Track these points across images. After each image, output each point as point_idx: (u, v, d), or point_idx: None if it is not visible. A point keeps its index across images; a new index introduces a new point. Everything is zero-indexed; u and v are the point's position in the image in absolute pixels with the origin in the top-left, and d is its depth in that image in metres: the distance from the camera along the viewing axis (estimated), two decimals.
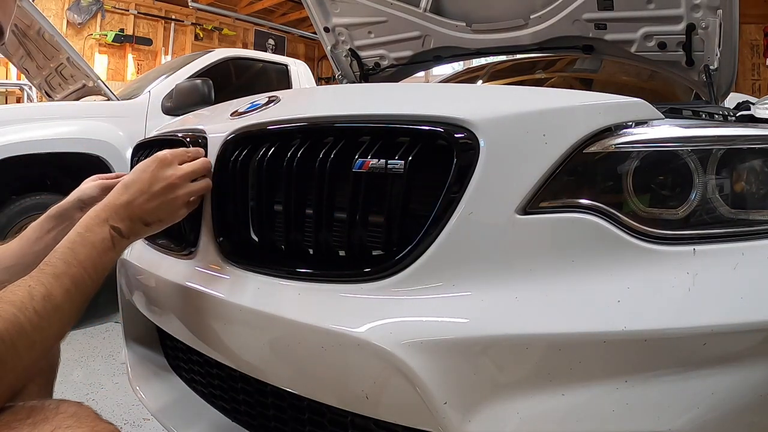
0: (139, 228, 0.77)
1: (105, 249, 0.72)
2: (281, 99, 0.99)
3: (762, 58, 6.47)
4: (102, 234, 0.73)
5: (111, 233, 0.73)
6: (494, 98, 0.91)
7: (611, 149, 0.72)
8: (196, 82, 2.95)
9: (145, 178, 0.79)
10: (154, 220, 0.78)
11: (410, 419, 0.69)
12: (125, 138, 2.80)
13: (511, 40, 1.79)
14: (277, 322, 0.77)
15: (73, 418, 0.58)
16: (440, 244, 0.70)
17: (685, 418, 0.63)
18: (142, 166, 0.81)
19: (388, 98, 0.99)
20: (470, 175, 0.71)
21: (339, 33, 2.03)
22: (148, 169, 0.80)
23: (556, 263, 0.69)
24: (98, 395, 1.88)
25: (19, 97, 6.71)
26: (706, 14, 1.36)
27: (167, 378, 1.21)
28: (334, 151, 0.79)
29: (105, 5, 7.70)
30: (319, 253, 0.82)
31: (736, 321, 0.64)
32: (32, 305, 0.62)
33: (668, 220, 0.71)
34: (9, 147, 2.42)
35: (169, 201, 0.80)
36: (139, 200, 0.77)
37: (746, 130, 0.81)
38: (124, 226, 0.75)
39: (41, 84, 3.46)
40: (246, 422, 0.99)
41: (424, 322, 0.68)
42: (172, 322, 1.01)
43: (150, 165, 0.81)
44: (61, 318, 0.65)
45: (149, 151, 1.17)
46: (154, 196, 0.78)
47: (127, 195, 0.77)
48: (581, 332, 0.64)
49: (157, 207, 0.78)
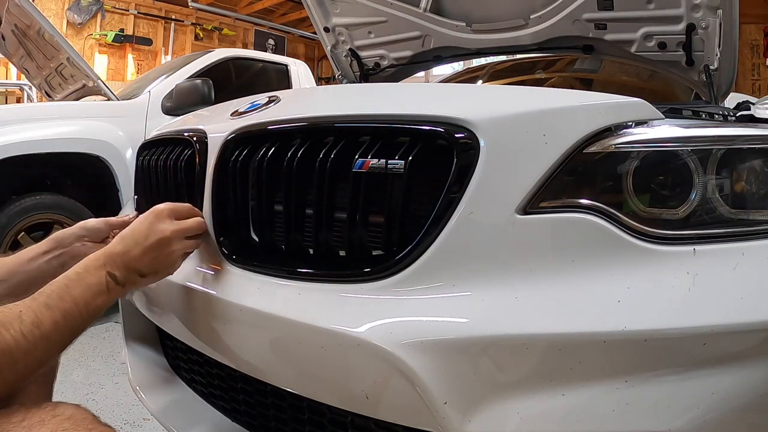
0: (134, 278, 0.80)
1: (99, 292, 0.75)
2: (281, 99, 1.00)
3: (762, 58, 6.47)
4: (98, 278, 0.76)
5: (107, 278, 0.76)
6: (494, 98, 0.91)
7: (611, 149, 0.72)
8: (196, 82, 2.95)
9: (140, 230, 0.82)
10: (149, 272, 0.81)
11: (410, 419, 0.69)
12: (125, 138, 2.80)
13: (511, 40, 1.79)
14: (277, 322, 0.77)
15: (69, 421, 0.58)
16: (440, 244, 0.70)
17: (685, 418, 0.63)
18: (141, 218, 0.84)
19: (388, 98, 0.99)
20: (470, 175, 0.71)
21: (339, 33, 2.03)
22: (144, 221, 0.83)
23: (556, 263, 0.69)
24: (98, 395, 1.88)
25: (19, 97, 6.71)
26: (706, 14, 1.36)
27: (167, 378, 1.21)
28: (334, 151, 0.80)
29: (105, 5, 7.70)
30: (320, 253, 0.82)
31: (736, 321, 0.64)
32: (20, 327, 0.65)
33: (668, 220, 0.71)
34: (9, 147, 2.42)
35: (164, 255, 0.82)
36: (134, 252, 0.79)
37: (746, 130, 0.81)
38: (120, 274, 0.77)
39: (41, 84, 3.46)
40: (246, 422, 1.00)
41: (424, 322, 0.68)
42: (172, 322, 1.01)
43: (147, 218, 0.84)
44: (46, 346, 0.68)
45: (154, 151, 1.18)
46: (148, 249, 0.80)
47: (122, 245, 0.80)
48: (581, 332, 0.64)
49: (151, 260, 0.81)
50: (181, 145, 1.08)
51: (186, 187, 1.03)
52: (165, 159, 1.12)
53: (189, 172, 1.02)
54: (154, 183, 1.16)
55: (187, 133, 1.06)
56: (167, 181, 1.11)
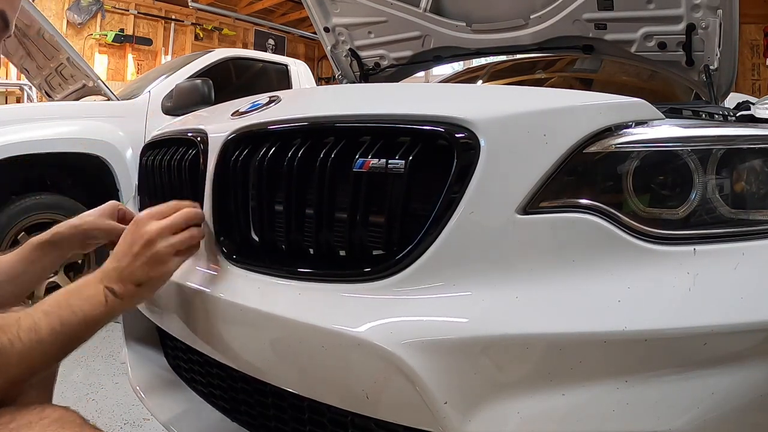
0: (131, 289, 0.79)
1: (97, 304, 0.76)
2: (282, 99, 1.00)
3: (762, 58, 6.47)
4: (96, 290, 0.77)
5: (105, 292, 0.77)
6: (495, 98, 0.91)
7: (611, 149, 0.72)
8: (196, 82, 2.95)
9: (126, 241, 0.82)
10: (143, 279, 0.80)
11: (410, 419, 0.69)
12: (125, 138, 2.80)
13: (511, 40, 1.79)
14: (277, 321, 0.77)
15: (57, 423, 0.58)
16: (441, 243, 0.70)
17: (685, 418, 0.63)
18: (125, 231, 0.84)
19: (389, 98, 0.99)
20: (471, 175, 0.71)
21: (339, 33, 2.03)
22: (128, 232, 0.83)
23: (556, 263, 0.69)
24: (98, 395, 1.88)
25: (19, 97, 6.71)
26: (706, 14, 1.36)
27: (167, 378, 1.21)
28: (334, 151, 0.80)
29: (105, 5, 7.70)
30: (320, 253, 0.82)
31: (736, 321, 0.64)
32: (17, 331, 0.66)
33: (668, 220, 0.71)
34: (9, 147, 2.42)
35: (151, 257, 0.81)
36: (124, 262, 0.80)
37: (746, 130, 0.81)
38: (117, 288, 0.78)
39: (41, 84, 3.47)
40: (246, 422, 0.99)
41: (425, 321, 0.69)
42: (172, 322, 1.01)
43: (129, 228, 0.84)
44: (42, 352, 0.68)
45: (158, 152, 1.18)
46: (136, 256, 0.80)
47: (114, 261, 0.80)
48: (581, 332, 0.64)
49: (141, 266, 0.80)
50: (182, 145, 1.09)
51: (187, 187, 1.03)
52: (167, 159, 1.12)
53: (190, 172, 1.02)
54: (157, 183, 1.16)
55: (188, 133, 1.06)
56: (169, 181, 1.11)
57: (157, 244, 0.82)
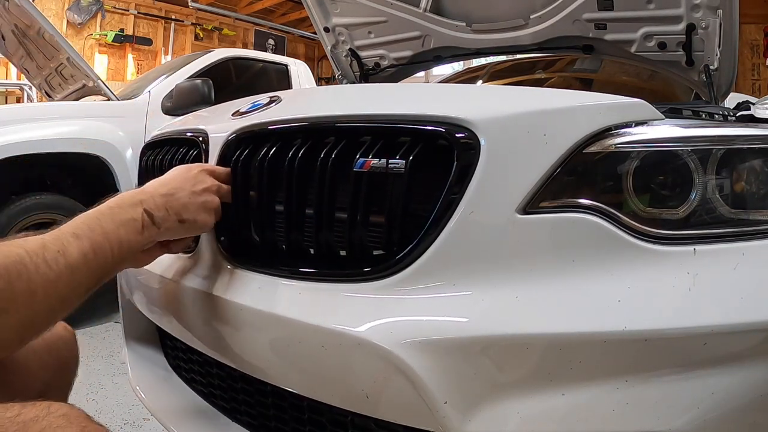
0: (172, 222, 0.75)
1: (133, 230, 0.69)
2: (282, 99, 1.00)
3: (762, 58, 6.47)
4: (133, 214, 0.70)
5: (143, 216, 0.70)
6: (495, 98, 0.91)
7: (611, 149, 0.72)
8: (196, 82, 2.95)
9: (189, 176, 0.80)
10: (188, 218, 0.77)
11: (410, 419, 0.69)
12: (125, 138, 2.79)
13: (511, 40, 1.79)
14: (277, 321, 0.77)
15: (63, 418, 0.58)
16: (441, 243, 0.71)
17: (685, 418, 0.63)
18: (185, 167, 0.82)
19: (389, 98, 0.99)
20: (471, 175, 0.71)
21: (339, 33, 2.03)
22: (192, 169, 0.81)
23: (556, 263, 0.69)
24: (98, 395, 1.88)
25: (19, 97, 6.71)
26: (706, 14, 1.36)
27: (167, 378, 1.21)
28: (335, 151, 0.80)
29: (105, 5, 7.70)
30: (320, 253, 0.82)
31: (736, 321, 0.64)
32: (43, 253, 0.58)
33: (668, 220, 0.71)
34: (9, 147, 2.42)
35: (206, 203, 0.80)
36: (180, 194, 0.76)
37: (746, 130, 0.81)
38: (159, 214, 0.73)
39: (41, 84, 3.46)
40: (246, 422, 0.99)
41: (425, 321, 0.69)
42: (172, 322, 1.01)
43: (194, 168, 0.82)
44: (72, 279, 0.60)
45: (158, 152, 1.18)
46: (194, 195, 0.78)
47: (167, 187, 0.76)
48: (581, 332, 0.64)
49: (196, 206, 0.78)
50: (182, 145, 1.09)
51: None
52: (167, 159, 1.12)
53: None
54: None
55: (189, 133, 1.06)
56: None
57: (213, 195, 0.82)
